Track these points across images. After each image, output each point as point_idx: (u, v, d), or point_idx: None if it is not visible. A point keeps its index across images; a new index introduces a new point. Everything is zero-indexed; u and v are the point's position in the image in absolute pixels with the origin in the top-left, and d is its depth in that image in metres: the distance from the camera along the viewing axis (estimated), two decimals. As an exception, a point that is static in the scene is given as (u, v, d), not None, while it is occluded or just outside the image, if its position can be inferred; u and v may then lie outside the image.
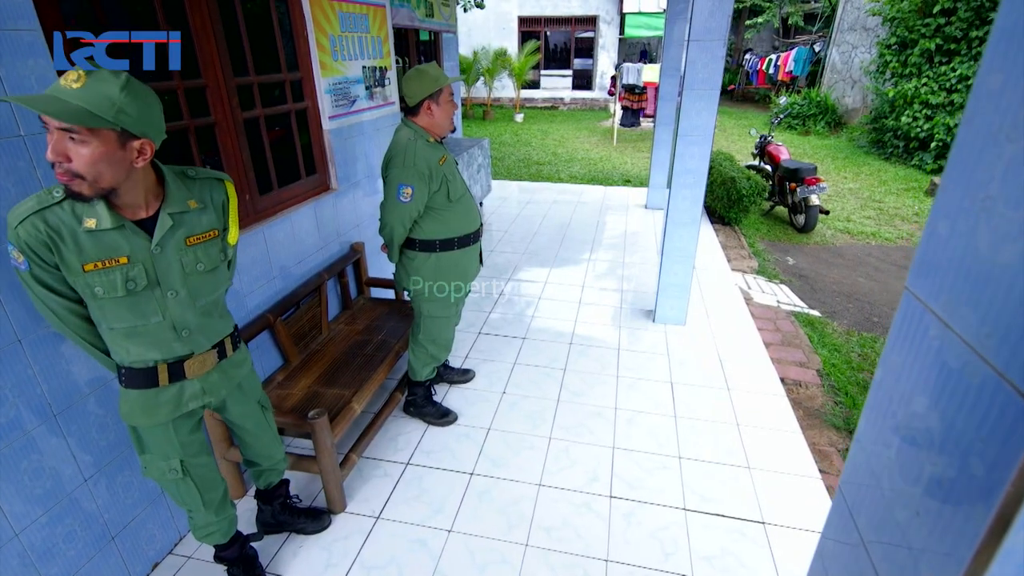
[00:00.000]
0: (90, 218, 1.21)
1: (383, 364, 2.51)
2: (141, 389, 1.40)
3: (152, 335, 1.36)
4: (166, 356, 1.40)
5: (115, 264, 1.25)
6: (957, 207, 0.45)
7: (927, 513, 0.46)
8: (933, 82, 8.03)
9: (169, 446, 1.49)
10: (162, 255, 1.32)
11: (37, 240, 1.17)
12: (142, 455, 1.51)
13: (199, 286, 1.41)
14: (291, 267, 2.60)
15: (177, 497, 1.61)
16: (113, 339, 1.35)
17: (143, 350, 1.36)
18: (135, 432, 1.49)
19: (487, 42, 14.94)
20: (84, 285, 1.24)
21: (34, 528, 1.51)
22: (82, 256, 1.22)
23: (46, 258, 1.20)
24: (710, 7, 2.83)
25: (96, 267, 1.23)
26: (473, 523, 2.14)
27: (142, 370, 1.38)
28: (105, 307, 1.28)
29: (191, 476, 1.56)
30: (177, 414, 1.46)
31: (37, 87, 1.43)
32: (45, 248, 1.18)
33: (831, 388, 3.11)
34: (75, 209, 1.20)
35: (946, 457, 0.45)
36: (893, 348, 0.55)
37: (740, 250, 5.17)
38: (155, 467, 1.52)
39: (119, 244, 1.25)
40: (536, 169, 8.35)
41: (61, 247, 1.19)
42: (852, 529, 0.59)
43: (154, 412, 1.43)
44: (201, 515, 1.66)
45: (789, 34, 16.13)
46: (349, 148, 3.08)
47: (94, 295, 1.25)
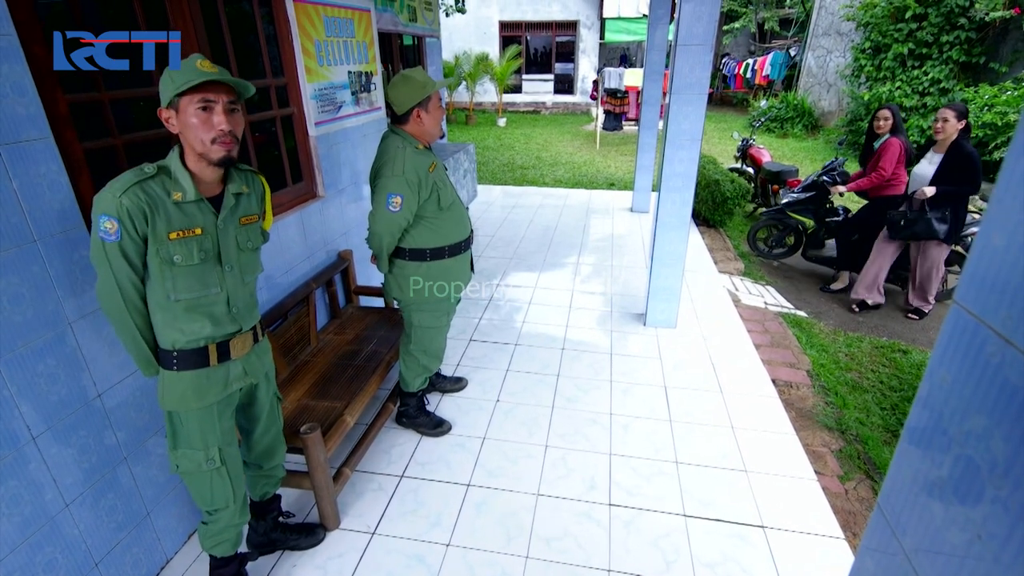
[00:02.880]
0: (177, 191, 1.37)
1: (375, 374, 2.45)
2: (194, 370, 1.48)
3: (210, 307, 1.48)
4: (216, 333, 1.50)
5: (192, 235, 1.40)
6: (1015, 219, 0.44)
7: (992, 538, 0.45)
8: (906, 85, 8.23)
9: (211, 432, 1.55)
10: (224, 230, 1.47)
11: (138, 208, 1.30)
12: (176, 450, 1.55)
13: (247, 264, 1.57)
14: (278, 277, 2.53)
15: (207, 493, 1.62)
16: (172, 318, 1.43)
17: (199, 327, 1.46)
18: (175, 423, 1.53)
19: (468, 47, 14.92)
20: (166, 254, 1.36)
21: (13, 557, 1.43)
22: (169, 225, 1.36)
23: (139, 226, 1.32)
24: (696, 12, 2.84)
25: (179, 235, 1.37)
26: (471, 536, 2.09)
27: (195, 351, 1.48)
28: (178, 276, 1.40)
29: (227, 466, 1.61)
30: (224, 394, 1.56)
31: (12, 93, 1.36)
32: (142, 216, 1.31)
33: (821, 388, 3.13)
34: (164, 184, 1.36)
35: (1013, 480, 0.43)
36: (941, 363, 0.53)
37: (726, 252, 5.21)
38: (191, 460, 1.55)
39: (196, 216, 1.41)
40: (520, 173, 8.34)
41: (156, 215, 1.33)
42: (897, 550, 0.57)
43: (205, 393, 1.51)
44: (227, 513, 1.67)
45: (765, 39, 16.42)
46: (336, 154, 3.02)
47: (172, 263, 1.38)
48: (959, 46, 7.81)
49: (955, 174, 3.46)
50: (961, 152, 3.43)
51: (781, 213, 4.75)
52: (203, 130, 1.34)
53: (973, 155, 3.41)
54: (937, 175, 3.53)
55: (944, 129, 3.48)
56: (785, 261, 5.16)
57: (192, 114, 1.32)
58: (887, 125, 3.86)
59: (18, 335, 1.41)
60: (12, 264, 1.38)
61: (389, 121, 2.22)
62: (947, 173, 3.49)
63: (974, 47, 7.79)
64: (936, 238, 3.59)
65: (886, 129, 3.87)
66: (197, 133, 1.34)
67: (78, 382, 1.59)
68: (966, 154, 3.41)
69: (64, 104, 1.55)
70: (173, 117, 1.35)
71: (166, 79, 1.33)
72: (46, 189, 1.46)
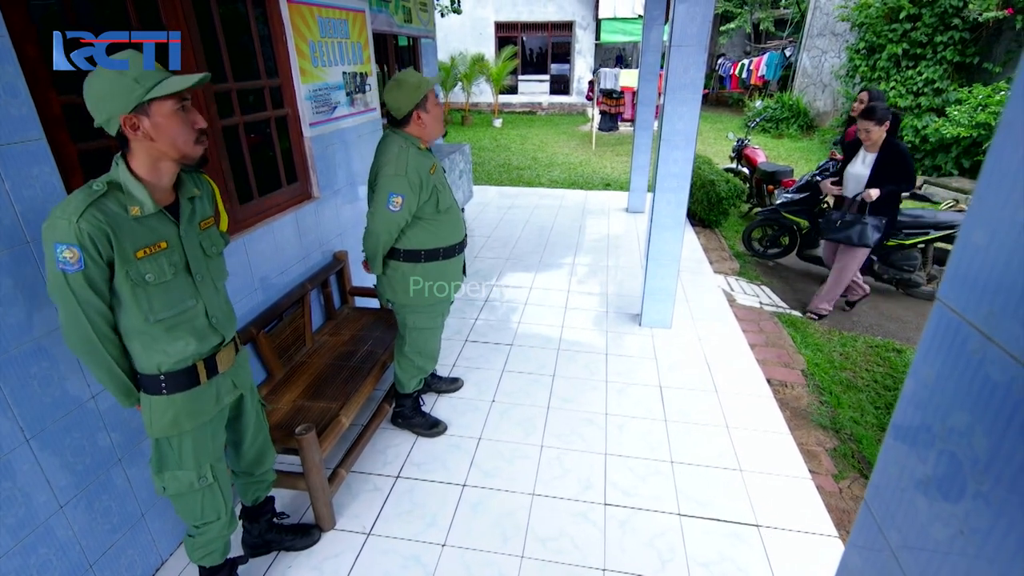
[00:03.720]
0: (134, 206, 1.28)
1: (370, 375, 2.45)
2: (185, 391, 1.44)
3: (191, 322, 1.42)
4: (202, 349, 1.46)
5: (158, 249, 1.32)
6: (996, 218, 0.44)
7: (974, 533, 0.45)
8: (901, 85, 8.27)
9: (204, 452, 1.53)
10: (188, 239, 1.40)
11: (99, 230, 1.20)
12: (162, 473, 1.50)
13: (216, 270, 1.52)
14: (273, 278, 2.53)
15: (197, 511, 1.59)
16: (151, 341, 1.36)
17: (183, 344, 1.41)
18: (163, 448, 1.48)
19: (464, 47, 14.93)
20: (136, 274, 1.29)
21: (7, 559, 1.43)
22: (134, 243, 1.27)
23: (103, 250, 1.22)
24: (690, 12, 2.85)
25: (145, 253, 1.30)
26: (467, 536, 2.09)
27: (184, 371, 1.43)
28: (153, 296, 1.33)
29: (219, 481, 1.59)
30: (216, 410, 1.53)
31: (4, 94, 1.36)
32: (105, 238, 1.21)
33: (816, 388, 3.15)
34: (119, 199, 1.26)
35: (993, 476, 0.43)
36: (925, 360, 0.54)
37: (721, 252, 5.22)
38: (181, 481, 1.52)
39: (158, 229, 1.33)
40: (516, 174, 8.35)
41: (119, 234, 1.24)
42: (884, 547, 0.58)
43: (199, 412, 1.48)
44: (217, 525, 1.65)
45: (761, 39, 16.48)
46: (330, 155, 3.02)
47: (145, 283, 1.30)
48: (953, 46, 7.85)
49: (891, 171, 3.45)
50: (895, 150, 3.44)
51: (776, 213, 4.77)
52: (185, 131, 1.28)
53: (906, 152, 3.45)
54: (873, 175, 3.51)
55: (870, 138, 3.50)
56: (780, 261, 5.18)
57: (170, 116, 1.25)
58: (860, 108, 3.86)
59: (12, 337, 1.41)
60: (5, 266, 1.38)
61: (385, 123, 2.21)
62: (883, 172, 3.48)
63: (968, 47, 7.84)
64: (866, 246, 3.58)
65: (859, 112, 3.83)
66: (179, 135, 1.27)
67: (72, 384, 1.59)
68: (900, 152, 3.43)
69: (57, 105, 1.54)
70: (144, 122, 1.23)
71: (123, 82, 1.20)
72: (39, 190, 1.46)
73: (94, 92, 1.21)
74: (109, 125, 1.24)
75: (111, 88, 1.20)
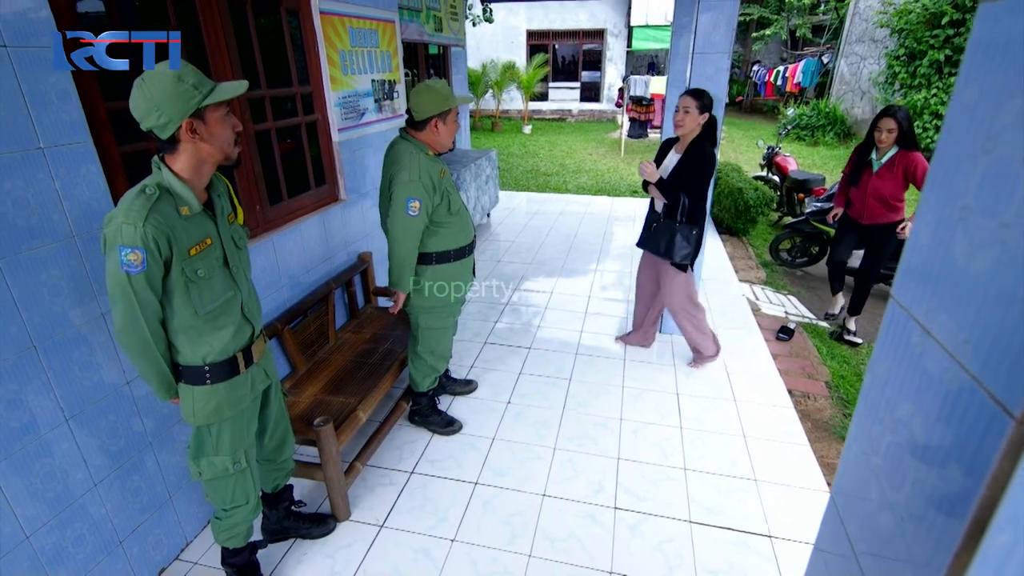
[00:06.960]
0: (183, 206, 1.36)
1: (389, 373, 2.53)
2: (228, 380, 1.54)
3: (233, 312, 1.53)
4: (240, 338, 1.55)
5: (206, 246, 1.42)
6: (937, 216, 0.46)
7: (910, 519, 0.47)
8: (943, 93, 8.00)
9: (239, 437, 1.62)
10: (224, 234, 1.50)
11: (161, 232, 1.29)
12: (200, 459, 1.60)
13: (245, 261, 1.62)
14: (299, 276, 2.63)
15: (228, 495, 1.68)
16: (197, 334, 1.46)
17: (225, 334, 1.50)
18: (204, 435, 1.58)
19: (496, 55, 15.10)
20: (191, 270, 1.38)
21: (44, 531, 1.54)
22: (188, 241, 1.37)
23: (163, 251, 1.31)
24: (714, 20, 2.86)
25: (197, 250, 1.39)
26: (477, 533, 2.13)
27: (226, 361, 1.52)
28: (203, 290, 1.43)
29: (251, 466, 1.69)
30: (251, 397, 1.63)
31: (57, 100, 1.47)
32: (165, 239, 1.30)
33: (840, 400, 3.08)
34: (170, 200, 1.34)
35: (927, 463, 0.45)
36: (880, 356, 0.56)
37: (748, 260, 5.15)
38: (217, 466, 1.61)
39: (204, 227, 1.43)
40: (544, 180, 8.40)
41: (176, 235, 1.33)
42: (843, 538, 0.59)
43: (239, 400, 1.58)
44: (246, 509, 1.73)
45: (797, 46, 16.15)
46: (358, 159, 3.12)
47: (197, 278, 1.40)
48: (999, 53, 7.55)
49: (685, 178, 2.73)
50: (701, 153, 2.69)
51: (805, 223, 4.68)
52: (229, 134, 1.39)
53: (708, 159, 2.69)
54: (672, 176, 2.80)
55: (684, 122, 2.68)
56: (808, 270, 5.07)
57: (220, 121, 1.36)
58: (891, 139, 3.16)
59: (56, 324, 1.52)
60: (52, 258, 1.50)
61: (402, 128, 2.27)
62: (680, 176, 2.75)
63: (1015, 54, 7.53)
64: (670, 259, 2.84)
65: (889, 143, 3.17)
66: (225, 138, 1.38)
67: (109, 370, 1.70)
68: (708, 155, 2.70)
69: (103, 110, 1.66)
70: (201, 127, 1.32)
71: (182, 88, 1.26)
72: (86, 189, 1.58)
73: (149, 97, 1.25)
74: (164, 129, 1.28)
75: (172, 93, 1.25)
